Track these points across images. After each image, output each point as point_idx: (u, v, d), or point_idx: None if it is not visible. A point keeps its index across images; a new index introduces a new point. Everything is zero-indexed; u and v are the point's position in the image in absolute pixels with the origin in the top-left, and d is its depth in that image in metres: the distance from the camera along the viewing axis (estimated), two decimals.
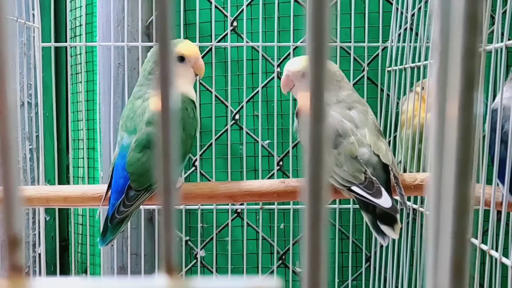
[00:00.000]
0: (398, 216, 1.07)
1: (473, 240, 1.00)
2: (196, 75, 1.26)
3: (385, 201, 1.06)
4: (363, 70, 1.64)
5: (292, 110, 1.57)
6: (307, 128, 0.30)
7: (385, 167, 1.13)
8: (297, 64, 1.21)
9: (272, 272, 1.67)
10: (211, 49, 1.66)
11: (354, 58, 1.62)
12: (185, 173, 1.66)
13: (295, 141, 1.62)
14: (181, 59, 1.22)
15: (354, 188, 1.09)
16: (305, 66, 0.94)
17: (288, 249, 1.65)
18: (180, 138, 1.18)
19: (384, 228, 1.06)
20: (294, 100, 1.55)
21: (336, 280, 1.65)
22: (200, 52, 1.68)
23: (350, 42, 1.60)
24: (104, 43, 1.64)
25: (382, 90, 1.62)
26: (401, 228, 1.41)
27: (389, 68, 1.58)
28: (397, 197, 1.14)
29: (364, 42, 1.61)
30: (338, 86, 1.20)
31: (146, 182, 1.13)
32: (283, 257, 1.67)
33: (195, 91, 1.67)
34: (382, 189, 1.07)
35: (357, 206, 1.58)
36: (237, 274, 1.68)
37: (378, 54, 1.62)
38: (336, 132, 1.15)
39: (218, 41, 1.66)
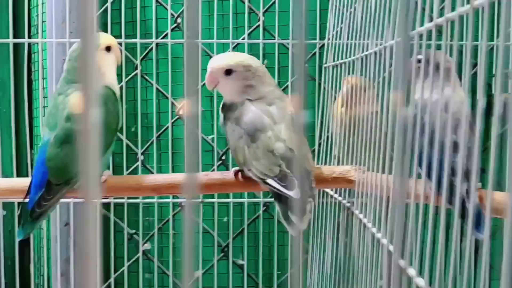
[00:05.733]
0: (309, 207, 1.11)
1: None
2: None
3: (296, 193, 1.10)
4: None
5: None
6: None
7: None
8: (219, 61, 1.24)
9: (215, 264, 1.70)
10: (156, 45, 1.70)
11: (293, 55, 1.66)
12: (128, 168, 1.69)
13: None
14: (108, 49, 1.25)
15: (269, 180, 1.13)
16: (227, 63, 0.97)
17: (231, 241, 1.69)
18: (100, 132, 1.21)
19: (294, 218, 1.10)
20: None
21: (276, 273, 1.69)
22: (143, 49, 1.72)
23: (289, 39, 1.64)
24: (49, 40, 1.67)
25: (323, 87, 1.66)
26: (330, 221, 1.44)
27: (326, 65, 1.61)
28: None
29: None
30: (261, 81, 1.23)
31: (64, 176, 1.16)
32: (225, 249, 1.70)
33: (139, 88, 1.71)
34: (295, 182, 1.11)
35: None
36: (179, 267, 1.71)
37: (316, 51, 1.66)
38: (255, 127, 1.18)
39: (162, 38, 1.70)
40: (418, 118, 1.09)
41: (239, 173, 1.24)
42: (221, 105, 1.29)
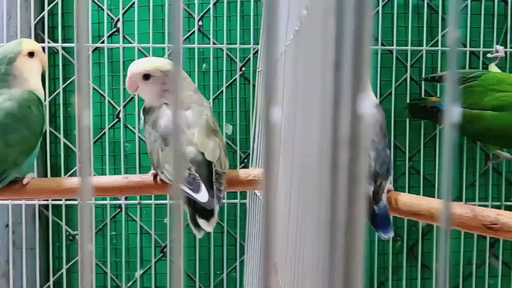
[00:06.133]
0: (216, 209, 1.14)
1: None
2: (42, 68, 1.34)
3: (202, 195, 1.13)
4: (240, 70, 1.71)
5: None
6: None
7: (211, 164, 1.19)
8: (138, 66, 1.27)
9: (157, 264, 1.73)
10: (95, 49, 1.72)
11: (230, 58, 1.69)
12: (69, 169, 1.72)
13: None
14: (31, 54, 1.29)
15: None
16: (145, 68, 1.01)
17: (170, 242, 1.72)
18: (23, 135, 1.24)
19: (200, 221, 1.13)
20: None
21: (214, 273, 1.72)
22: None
23: (223, 43, 1.67)
24: None
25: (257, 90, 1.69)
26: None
27: (259, 69, 1.64)
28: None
29: (241, 44, 1.68)
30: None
31: None
32: (164, 250, 1.73)
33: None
34: (202, 184, 1.14)
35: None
36: (119, 267, 1.75)
37: (250, 56, 1.70)
38: (168, 131, 1.21)
39: (102, 42, 1.72)
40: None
41: (158, 176, 1.27)
42: (142, 109, 1.32)
